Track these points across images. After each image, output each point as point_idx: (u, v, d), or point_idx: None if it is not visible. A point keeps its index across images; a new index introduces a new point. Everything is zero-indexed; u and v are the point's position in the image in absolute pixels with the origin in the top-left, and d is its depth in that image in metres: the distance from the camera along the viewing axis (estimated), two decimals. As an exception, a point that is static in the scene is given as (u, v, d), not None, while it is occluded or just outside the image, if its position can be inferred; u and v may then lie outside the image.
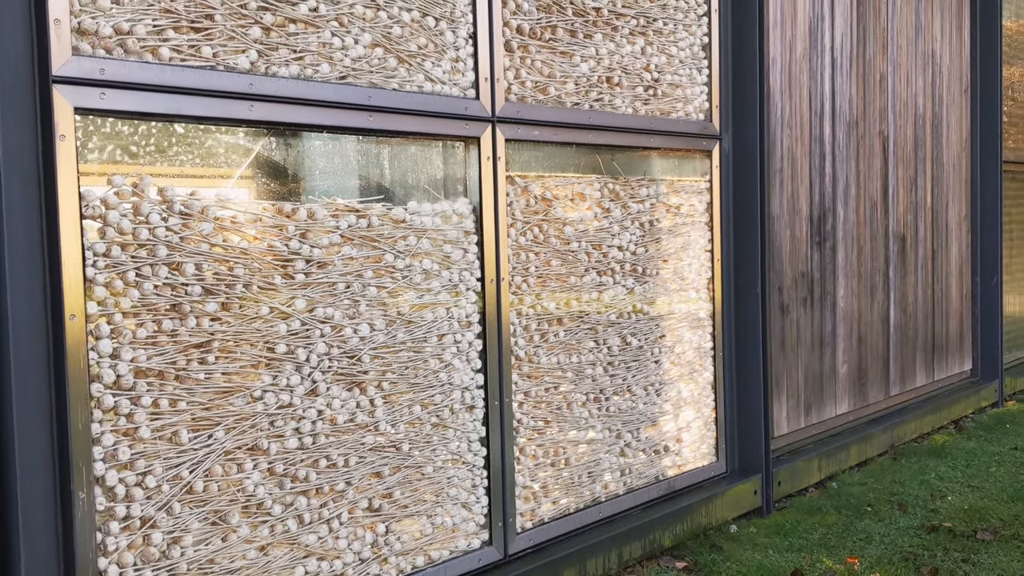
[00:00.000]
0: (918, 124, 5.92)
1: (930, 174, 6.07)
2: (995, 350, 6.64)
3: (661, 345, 4.09)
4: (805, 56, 4.88)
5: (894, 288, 5.73)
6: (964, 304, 6.55)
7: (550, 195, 3.55)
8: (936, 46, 6.09)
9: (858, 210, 5.37)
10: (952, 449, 5.42)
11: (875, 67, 5.46)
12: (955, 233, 6.41)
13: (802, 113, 4.89)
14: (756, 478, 4.39)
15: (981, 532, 4.05)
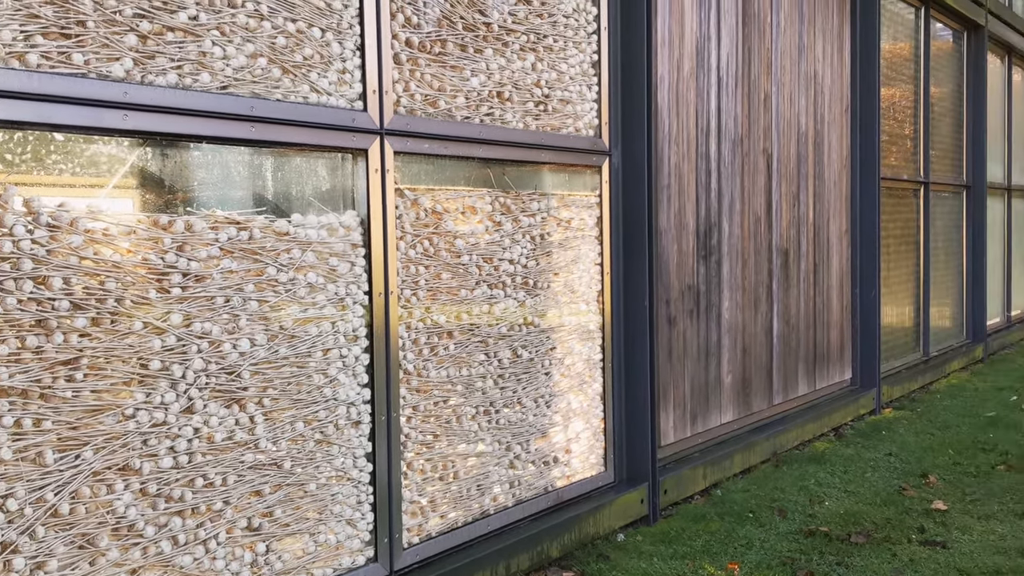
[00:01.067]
0: (801, 142, 6.13)
1: (812, 190, 6.30)
2: (873, 360, 6.92)
3: (551, 357, 4.13)
4: (692, 75, 5.01)
5: (777, 300, 5.92)
6: (844, 316, 6.81)
7: (440, 208, 3.55)
8: (818, 67, 6.33)
9: (743, 225, 5.53)
10: (831, 456, 5.62)
11: (760, 86, 5.64)
12: (836, 247, 6.66)
13: (689, 130, 5.01)
14: (643, 487, 4.47)
15: (855, 535, 4.21)
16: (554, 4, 4.07)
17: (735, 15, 5.37)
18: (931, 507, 4.61)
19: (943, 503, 4.66)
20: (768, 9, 5.71)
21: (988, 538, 4.19)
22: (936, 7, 8.19)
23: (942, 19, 8.48)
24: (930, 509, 4.59)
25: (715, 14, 5.18)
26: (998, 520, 4.43)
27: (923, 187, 8.08)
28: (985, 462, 5.43)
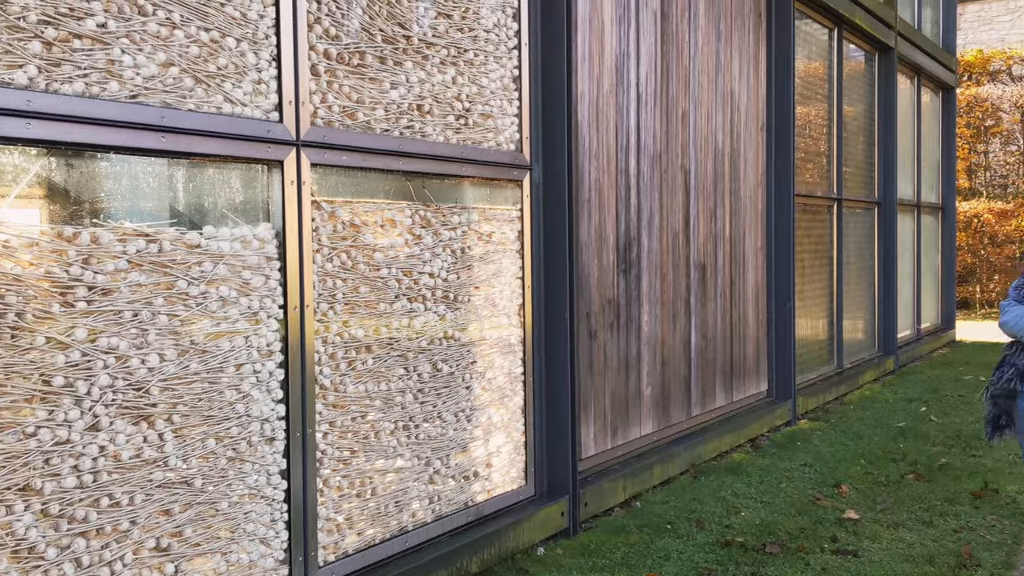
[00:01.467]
0: (718, 159, 6.25)
1: (729, 206, 6.42)
2: (789, 372, 7.07)
3: (472, 371, 4.12)
4: (612, 92, 5.07)
5: (695, 314, 6.02)
6: (760, 329, 6.95)
7: (359, 221, 3.52)
8: (735, 85, 6.46)
9: (662, 240, 5.61)
10: (748, 467, 5.72)
11: (678, 104, 5.74)
12: (752, 262, 6.80)
13: (609, 146, 5.07)
14: (564, 500, 4.49)
15: (770, 545, 4.29)
16: (475, 19, 4.08)
17: (654, 33, 5.46)
18: (843, 516, 4.72)
19: (855, 512, 4.78)
20: (686, 28, 5.82)
21: (897, 546, 4.31)
22: (849, 29, 8.44)
23: (854, 40, 8.75)
24: (842, 518, 4.70)
25: (634, 32, 5.26)
26: (907, 528, 4.55)
27: (836, 203, 8.31)
28: (895, 472, 5.58)
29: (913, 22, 10.56)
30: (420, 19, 3.78)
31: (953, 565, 4.06)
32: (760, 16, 6.84)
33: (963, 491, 5.13)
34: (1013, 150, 16.99)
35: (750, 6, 6.68)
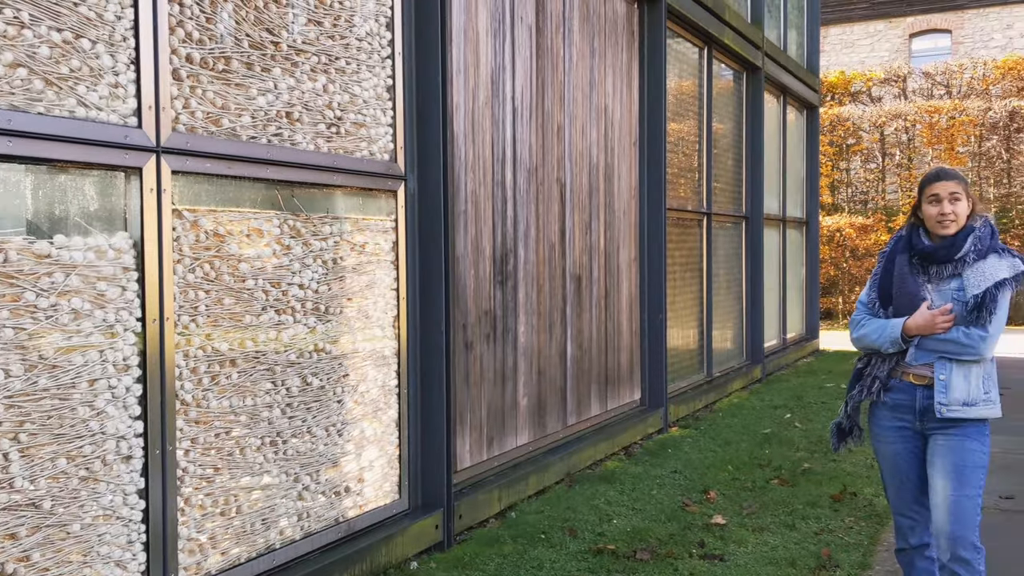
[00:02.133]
0: (592, 172, 6.36)
1: (603, 219, 6.53)
2: (661, 381, 7.23)
3: (344, 384, 4.05)
4: (488, 104, 5.09)
5: (571, 325, 6.09)
6: (634, 339, 7.09)
7: (224, 230, 3.42)
8: (609, 101, 6.59)
9: (538, 251, 5.66)
10: (621, 474, 5.81)
11: (553, 118, 5.81)
12: (626, 274, 6.93)
13: (485, 158, 5.08)
14: (438, 513, 4.46)
15: (640, 552, 4.36)
16: (347, 27, 4.03)
17: (529, 48, 5.51)
18: (711, 522, 4.84)
19: (722, 517, 4.91)
20: (561, 44, 5.90)
21: (761, 550, 4.44)
22: (718, 48, 8.73)
23: (724, 60, 9.05)
24: (710, 524, 4.82)
25: (510, 46, 5.30)
26: (771, 532, 4.70)
27: (706, 217, 8.56)
28: (761, 477, 5.77)
29: (779, 43, 11.00)
30: (290, 24, 3.72)
31: (814, 567, 4.21)
32: (633, 34, 7.00)
33: (824, 495, 5.33)
34: (873, 167, 17.88)
35: (623, 24, 6.83)
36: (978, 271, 3.10)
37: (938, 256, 3.15)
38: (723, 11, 8.46)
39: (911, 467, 3.26)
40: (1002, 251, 3.13)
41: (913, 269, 3.21)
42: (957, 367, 3.11)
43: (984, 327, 3.07)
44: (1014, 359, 10.99)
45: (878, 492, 5.33)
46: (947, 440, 3.14)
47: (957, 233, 3.14)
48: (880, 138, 17.78)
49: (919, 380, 3.18)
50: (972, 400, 3.10)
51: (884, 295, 3.27)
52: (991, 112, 16.90)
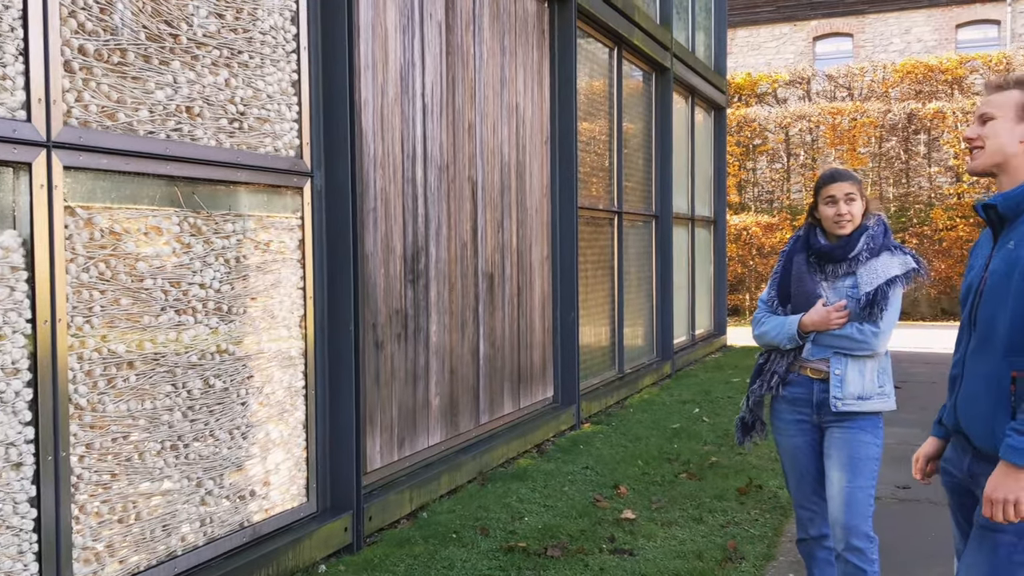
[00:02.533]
0: (504, 171, 6.36)
1: (515, 217, 6.54)
2: (573, 378, 7.28)
3: (249, 386, 3.96)
4: (397, 100, 5.04)
5: (483, 323, 6.08)
6: (547, 336, 7.12)
7: (120, 228, 3.31)
8: (520, 99, 6.60)
9: (450, 250, 5.63)
10: (534, 472, 5.83)
11: (464, 115, 5.79)
12: (538, 272, 6.96)
13: (395, 155, 5.03)
14: (347, 515, 4.40)
15: (551, 549, 4.38)
16: (250, 20, 3.95)
17: (439, 45, 5.48)
18: (621, 517, 4.89)
19: (632, 512, 4.96)
20: (471, 41, 5.88)
21: (670, 543, 4.51)
22: (628, 49, 8.83)
23: (633, 60, 9.16)
24: (620, 519, 4.87)
25: (419, 42, 5.26)
26: (679, 526, 4.77)
27: (617, 216, 8.65)
28: (670, 471, 5.85)
29: (688, 45, 11.18)
30: (190, 17, 3.61)
31: (720, 559, 4.28)
32: (544, 33, 7.03)
33: (730, 488, 5.44)
34: (778, 167, 18.34)
35: (534, 23, 6.85)
36: (871, 269, 3.20)
37: (834, 255, 3.24)
38: (632, 12, 8.56)
39: (810, 460, 3.34)
40: (895, 249, 3.24)
41: (810, 268, 3.30)
42: (852, 362, 3.20)
43: (876, 323, 3.16)
44: (910, 353, 11.40)
45: (782, 484, 5.46)
46: (842, 433, 3.23)
47: (852, 232, 3.24)
48: (785, 139, 18.25)
49: (816, 374, 3.26)
50: (866, 394, 3.20)
51: (783, 293, 3.35)
52: (890, 114, 17.50)
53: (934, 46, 22.77)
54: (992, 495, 2.31)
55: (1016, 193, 2.45)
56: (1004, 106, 2.49)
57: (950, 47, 22.53)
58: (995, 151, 2.50)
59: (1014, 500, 2.28)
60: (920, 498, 5.25)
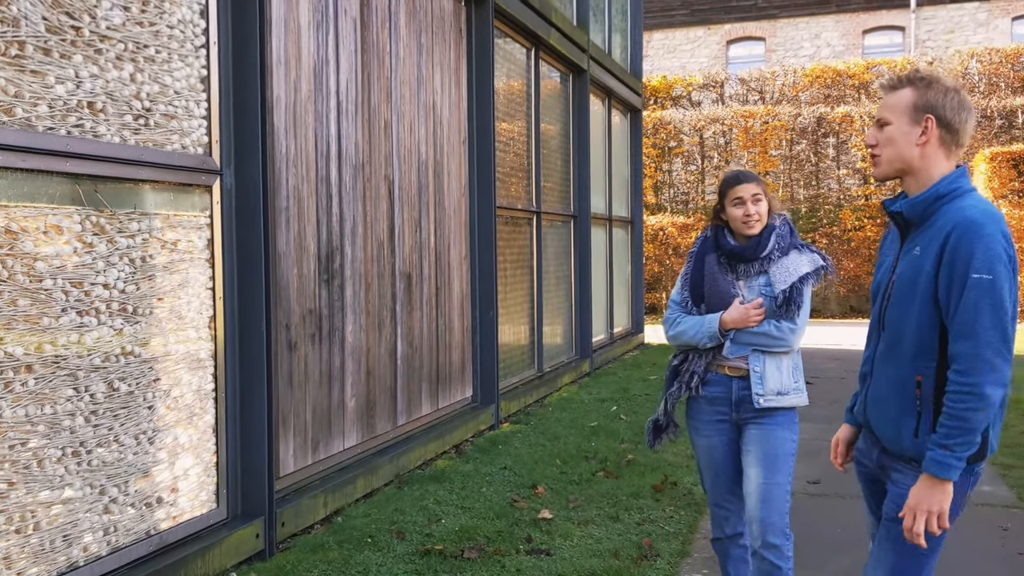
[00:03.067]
0: (422, 170, 6.31)
1: (433, 216, 6.50)
2: (492, 377, 7.27)
3: (156, 389, 3.85)
4: (311, 98, 4.96)
5: (401, 323, 6.02)
6: (466, 336, 7.10)
7: (17, 227, 3.17)
8: (437, 99, 6.56)
9: (366, 249, 5.56)
10: (451, 473, 5.80)
11: (380, 114, 5.73)
12: (457, 271, 6.93)
13: (308, 153, 4.95)
14: (259, 521, 4.30)
15: (468, 551, 4.35)
16: (157, 13, 3.83)
17: (354, 42, 5.41)
18: (539, 517, 4.90)
19: (549, 512, 4.97)
20: (387, 39, 5.82)
21: (586, 542, 4.52)
22: (545, 50, 8.86)
23: (551, 61, 9.19)
24: (538, 519, 4.87)
25: (333, 39, 5.18)
26: (595, 524, 4.80)
27: (536, 216, 8.67)
28: (587, 470, 5.88)
29: (604, 47, 11.28)
30: (93, 10, 3.48)
31: (636, 557, 4.32)
32: (461, 32, 7.00)
33: (646, 485, 5.49)
34: (693, 169, 18.65)
35: (451, 22, 6.82)
36: (783, 267, 3.27)
37: (745, 255, 3.30)
38: (550, 13, 8.59)
39: (726, 459, 3.38)
40: (801, 247, 3.33)
41: (722, 268, 3.35)
42: (770, 359, 3.26)
43: (793, 319, 3.24)
44: (821, 350, 11.71)
45: (697, 481, 5.54)
46: (759, 430, 3.28)
47: (761, 232, 3.30)
48: (700, 141, 18.57)
49: (735, 372, 3.31)
50: (785, 389, 3.27)
51: (696, 293, 3.39)
52: (801, 117, 17.95)
53: (842, 51, 23.44)
54: (916, 507, 2.36)
55: (920, 200, 2.47)
56: (897, 109, 2.49)
57: (857, 52, 23.22)
58: (893, 158, 2.51)
59: (937, 512, 2.33)
60: (830, 492, 5.38)
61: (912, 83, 2.48)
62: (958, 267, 2.33)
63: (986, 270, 2.30)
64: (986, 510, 4.93)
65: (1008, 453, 6.14)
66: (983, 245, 2.31)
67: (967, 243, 2.32)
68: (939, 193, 2.44)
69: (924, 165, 2.48)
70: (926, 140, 2.45)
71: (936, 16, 23.00)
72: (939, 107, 2.44)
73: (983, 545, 4.41)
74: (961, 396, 2.30)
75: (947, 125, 2.45)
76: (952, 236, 2.35)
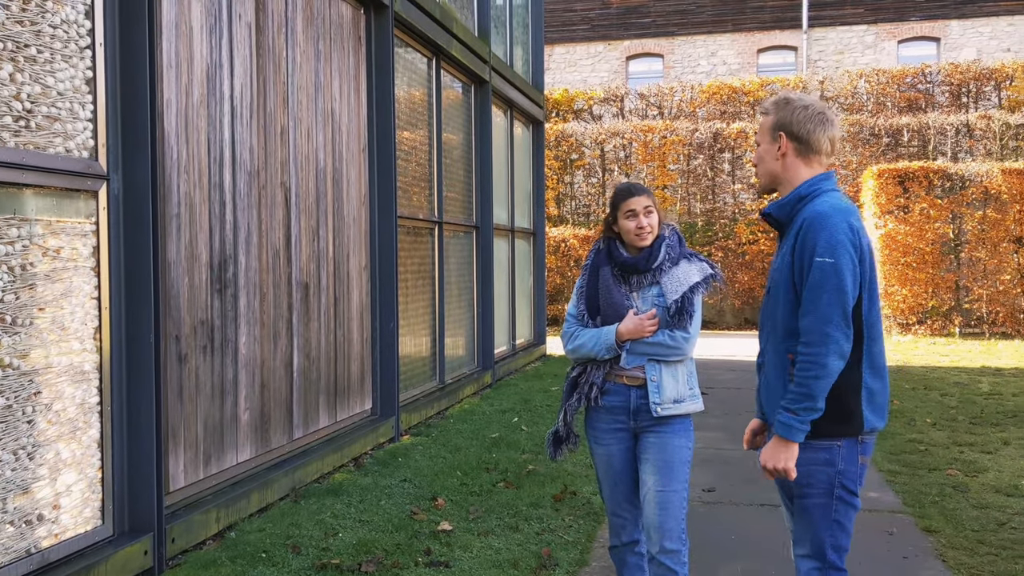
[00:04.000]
0: (320, 178, 6.22)
1: (332, 225, 6.41)
2: (393, 389, 7.20)
3: (36, 403, 3.68)
4: (203, 102, 4.83)
5: (298, 334, 5.91)
6: (365, 348, 7.01)
7: None
8: (336, 105, 6.48)
9: (261, 258, 5.44)
10: (350, 486, 5.70)
11: (277, 120, 5.62)
12: (356, 281, 6.84)
13: (201, 159, 4.82)
14: (147, 537, 4.15)
15: (366, 564, 4.28)
16: (38, 12, 3.68)
17: (249, 46, 5.30)
18: (438, 529, 4.86)
19: (449, 523, 4.94)
20: (284, 44, 5.72)
21: (486, 553, 4.51)
22: (447, 60, 8.85)
23: (452, 71, 9.19)
24: (437, 531, 4.83)
25: (227, 42, 5.07)
26: (495, 535, 4.78)
27: (438, 226, 8.64)
28: (488, 481, 5.87)
29: (506, 59, 11.34)
30: (-33, 4, 3.33)
31: (535, 567, 4.32)
32: (360, 40, 6.93)
33: (547, 495, 5.51)
34: (594, 182, 18.89)
35: (350, 29, 6.75)
36: (674, 277, 3.32)
37: (638, 266, 3.35)
38: (451, 23, 8.59)
39: (625, 467, 3.42)
40: (690, 256, 3.40)
41: (616, 280, 3.39)
42: (665, 367, 3.31)
43: (686, 328, 3.30)
44: (717, 361, 11.97)
45: (596, 490, 5.58)
46: (657, 438, 3.33)
47: (653, 243, 3.35)
48: (601, 154, 18.83)
49: (632, 381, 3.35)
50: (680, 397, 3.32)
51: (591, 306, 3.42)
52: (698, 133, 18.37)
53: (738, 69, 24.11)
54: (765, 462, 2.73)
55: (784, 202, 2.81)
56: (762, 131, 2.87)
57: (752, 70, 23.93)
58: (764, 173, 2.88)
59: (783, 467, 2.69)
60: (724, 500, 5.49)
61: (770, 109, 2.85)
62: (806, 253, 2.65)
63: (828, 254, 2.60)
64: (873, 516, 5.10)
65: (894, 460, 6.37)
66: (827, 233, 2.62)
67: (813, 232, 2.64)
68: (800, 195, 2.78)
69: (787, 176, 2.82)
70: (783, 153, 2.81)
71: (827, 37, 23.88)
72: (788, 123, 2.79)
73: (870, 549, 4.56)
74: (805, 365, 2.62)
75: (797, 138, 2.78)
76: (803, 227, 2.68)
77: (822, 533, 2.76)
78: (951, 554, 4.45)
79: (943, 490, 5.58)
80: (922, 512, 5.12)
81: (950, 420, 7.86)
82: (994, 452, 6.62)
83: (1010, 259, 14.88)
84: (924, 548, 4.56)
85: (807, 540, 2.80)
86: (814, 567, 2.80)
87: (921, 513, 5.11)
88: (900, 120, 18.16)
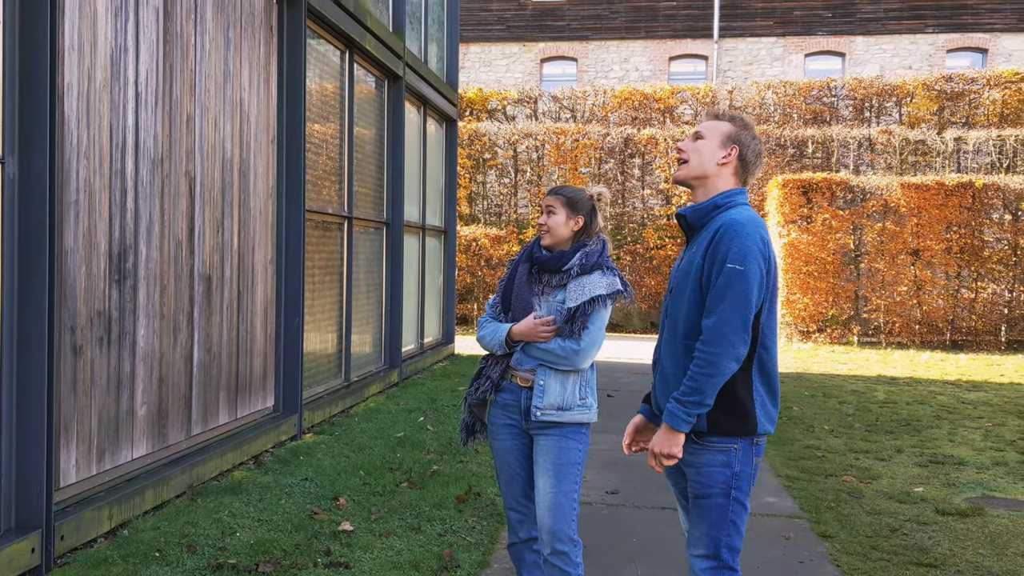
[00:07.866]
0: (226, 168, 6.08)
1: (237, 217, 6.27)
2: (296, 386, 7.08)
3: (-85, 395, 3.50)
4: (106, 87, 4.68)
5: (199, 328, 5.77)
6: (269, 343, 6.88)
7: None
8: (244, 95, 6.34)
9: (162, 249, 5.29)
10: (249, 485, 5.59)
11: (183, 107, 5.47)
12: (261, 275, 6.71)
13: (102, 145, 4.66)
14: (35, 534, 4.00)
15: (263, 565, 4.21)
16: (-70, -17, 3.50)
17: (156, 31, 5.15)
18: (339, 529, 4.80)
19: (350, 524, 4.88)
20: (192, 30, 5.57)
21: (387, 554, 4.47)
22: (360, 53, 8.75)
23: (365, 65, 9.10)
24: (338, 531, 4.77)
25: (133, 26, 4.91)
26: (397, 536, 4.75)
27: (347, 221, 8.54)
28: (391, 481, 5.82)
29: (420, 55, 11.28)
30: None
31: (436, 568, 4.31)
32: (272, 30, 6.81)
33: (450, 496, 5.50)
34: (507, 182, 18.95)
35: (261, 18, 6.62)
36: (579, 285, 3.33)
37: (548, 266, 3.37)
38: (364, 17, 8.51)
39: (519, 463, 3.45)
40: (607, 269, 3.38)
41: (531, 278, 3.41)
42: (555, 374, 3.33)
43: (577, 340, 3.27)
44: (623, 364, 12.13)
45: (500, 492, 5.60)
46: (547, 440, 3.36)
47: (573, 246, 3.38)
48: (513, 155, 18.89)
49: (524, 383, 3.38)
50: (567, 405, 3.32)
51: (505, 301, 3.44)
52: (609, 137, 18.60)
53: (650, 76, 24.49)
54: (653, 449, 2.85)
55: (703, 206, 2.94)
56: (714, 131, 2.97)
57: (664, 78, 24.34)
58: (697, 166, 2.97)
59: (667, 453, 2.81)
60: (627, 503, 5.57)
61: (733, 120, 2.99)
62: (718, 257, 2.77)
63: (739, 262, 2.74)
64: (770, 520, 5.23)
65: (792, 466, 6.55)
66: (739, 241, 2.76)
67: (727, 239, 2.77)
68: (716, 203, 2.91)
69: (715, 181, 2.95)
70: (727, 162, 2.95)
71: (737, 48, 24.45)
72: (744, 145, 2.96)
73: (767, 554, 4.67)
74: (701, 363, 2.74)
75: (744, 161, 2.97)
76: (718, 233, 2.81)
77: (719, 533, 2.87)
78: (845, 559, 4.60)
79: (839, 496, 5.77)
80: (818, 517, 5.28)
81: (847, 427, 8.12)
82: (888, 459, 6.88)
83: (907, 271, 15.46)
84: (819, 553, 4.70)
85: (703, 540, 2.89)
86: (709, 567, 2.89)
87: (817, 519, 5.26)
88: (805, 132, 18.71)
